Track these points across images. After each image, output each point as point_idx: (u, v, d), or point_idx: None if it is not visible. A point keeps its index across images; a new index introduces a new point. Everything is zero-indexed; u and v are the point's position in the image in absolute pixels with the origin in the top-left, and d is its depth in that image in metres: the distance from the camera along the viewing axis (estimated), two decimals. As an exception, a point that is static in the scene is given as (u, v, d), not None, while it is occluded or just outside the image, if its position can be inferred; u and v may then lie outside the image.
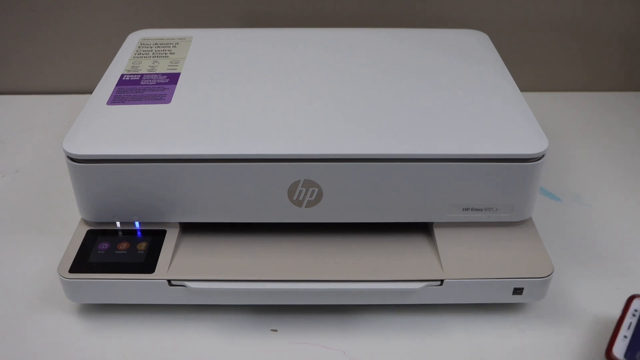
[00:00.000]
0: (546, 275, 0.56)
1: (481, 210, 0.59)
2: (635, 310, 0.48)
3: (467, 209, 0.59)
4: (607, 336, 0.56)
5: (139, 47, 0.73)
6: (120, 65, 0.69)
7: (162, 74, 0.66)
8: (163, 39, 0.75)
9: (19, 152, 0.84)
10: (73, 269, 0.56)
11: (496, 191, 0.57)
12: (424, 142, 0.56)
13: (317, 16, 0.92)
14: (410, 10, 0.92)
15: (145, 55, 0.71)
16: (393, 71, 0.67)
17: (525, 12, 0.93)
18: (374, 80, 0.65)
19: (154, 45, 0.73)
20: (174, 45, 0.73)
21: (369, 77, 0.66)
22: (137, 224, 0.60)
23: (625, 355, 0.45)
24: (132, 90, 0.64)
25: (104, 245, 0.58)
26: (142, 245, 0.58)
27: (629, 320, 0.47)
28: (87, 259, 0.57)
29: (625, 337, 0.46)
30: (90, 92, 0.64)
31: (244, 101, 0.61)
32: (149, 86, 0.64)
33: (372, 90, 0.64)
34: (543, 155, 0.56)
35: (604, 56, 0.97)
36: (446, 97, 0.62)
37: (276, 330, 0.58)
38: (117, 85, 0.65)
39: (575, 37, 0.95)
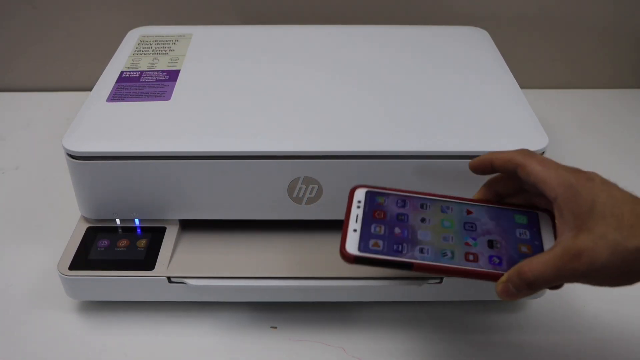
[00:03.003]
0: (546, 272, 0.56)
1: (481, 207, 0.59)
2: (359, 202, 0.45)
3: (467, 206, 0.59)
4: (604, 337, 0.56)
5: (138, 44, 0.73)
6: (119, 62, 0.69)
7: (162, 71, 0.66)
8: (163, 36, 0.75)
9: (19, 149, 0.84)
10: (73, 266, 0.56)
11: (496, 188, 0.57)
12: (423, 139, 0.56)
13: (316, 13, 0.92)
14: (411, 7, 0.92)
15: (144, 52, 0.71)
16: (393, 68, 0.67)
17: (525, 9, 0.92)
18: (374, 77, 0.65)
19: (154, 42, 0.73)
20: (173, 42, 0.73)
21: (369, 74, 0.66)
22: (136, 221, 0.60)
23: (359, 248, 0.42)
24: (131, 87, 0.64)
25: (104, 243, 0.58)
26: (142, 243, 0.58)
27: (355, 212, 0.44)
28: (87, 256, 0.57)
29: (355, 230, 0.43)
30: (90, 89, 0.64)
31: (243, 98, 0.61)
32: (148, 83, 0.64)
33: (372, 87, 0.63)
34: (543, 152, 0.56)
35: (605, 54, 0.97)
36: (446, 94, 0.62)
37: (276, 328, 0.58)
38: (116, 82, 0.65)
39: (575, 35, 0.95)
